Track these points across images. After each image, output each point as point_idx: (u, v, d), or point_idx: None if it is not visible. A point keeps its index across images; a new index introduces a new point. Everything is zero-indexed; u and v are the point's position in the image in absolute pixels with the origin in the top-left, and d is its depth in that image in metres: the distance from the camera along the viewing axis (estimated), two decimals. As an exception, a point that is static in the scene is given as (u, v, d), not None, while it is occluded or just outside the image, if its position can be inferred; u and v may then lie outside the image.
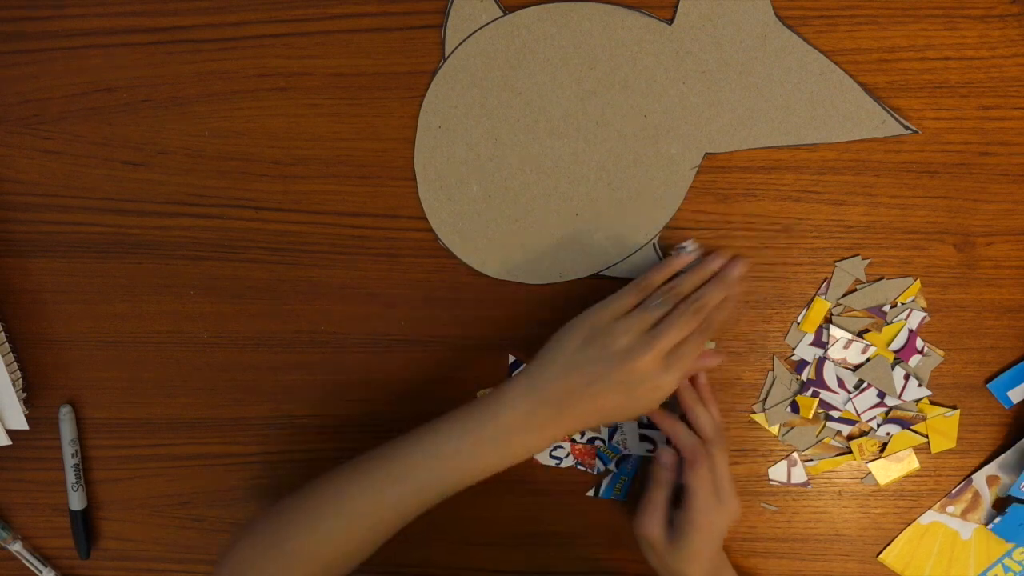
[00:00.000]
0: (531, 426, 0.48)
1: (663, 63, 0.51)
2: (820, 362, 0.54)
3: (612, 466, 0.58)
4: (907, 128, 0.51)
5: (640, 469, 0.58)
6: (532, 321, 0.55)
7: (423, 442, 0.49)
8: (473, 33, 0.51)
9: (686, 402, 0.53)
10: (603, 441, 0.57)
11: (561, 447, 0.58)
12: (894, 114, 0.51)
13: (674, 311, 0.49)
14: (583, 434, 0.57)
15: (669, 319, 0.48)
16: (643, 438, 0.57)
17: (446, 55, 0.52)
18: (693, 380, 0.54)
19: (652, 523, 0.52)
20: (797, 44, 0.50)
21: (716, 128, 0.52)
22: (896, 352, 0.54)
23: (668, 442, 0.54)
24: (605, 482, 0.58)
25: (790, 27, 0.50)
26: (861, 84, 0.51)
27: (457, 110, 0.53)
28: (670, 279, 0.51)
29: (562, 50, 0.51)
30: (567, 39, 0.51)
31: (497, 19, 0.51)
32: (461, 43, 0.52)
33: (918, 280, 0.53)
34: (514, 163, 0.53)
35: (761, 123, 0.52)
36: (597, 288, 0.55)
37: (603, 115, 0.52)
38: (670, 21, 0.51)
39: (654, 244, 0.54)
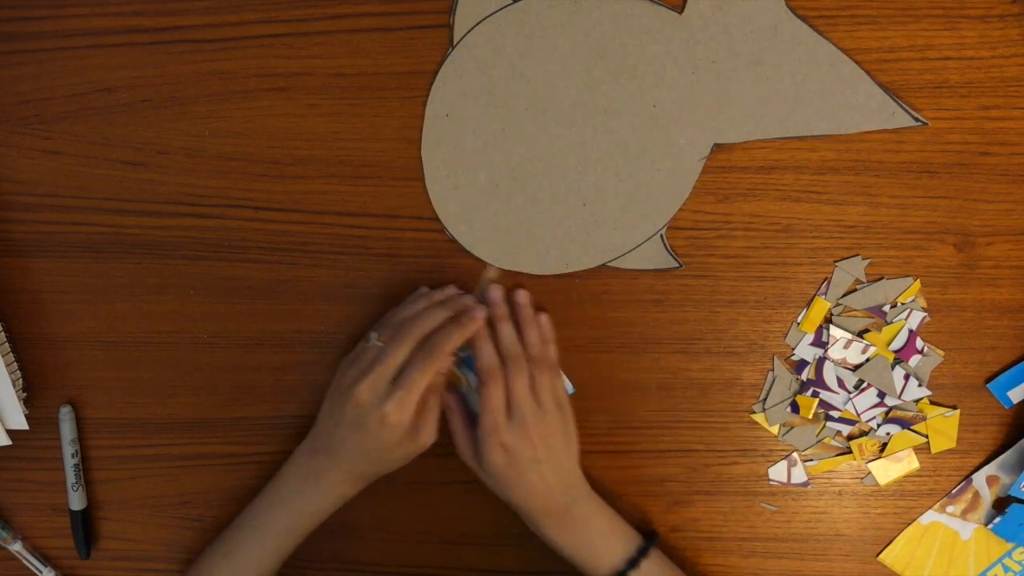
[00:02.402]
0: (311, 476, 0.52)
1: (672, 52, 0.51)
2: (820, 362, 0.54)
3: None
4: (917, 120, 0.51)
5: None
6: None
7: (246, 517, 0.54)
8: (482, 20, 0.51)
9: (492, 318, 0.52)
10: None
11: None
12: (904, 105, 0.51)
13: (392, 340, 0.49)
14: None
15: (385, 348, 0.49)
16: None
17: (454, 43, 0.52)
18: (511, 299, 0.53)
19: (461, 447, 0.53)
20: (808, 34, 0.50)
21: (725, 118, 0.52)
22: (896, 352, 0.54)
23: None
24: None
25: (801, 17, 0.50)
26: (871, 75, 0.51)
27: (465, 98, 0.52)
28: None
29: (571, 38, 0.51)
30: (576, 27, 0.51)
31: (506, 6, 0.51)
32: (470, 31, 0.51)
33: (918, 280, 0.53)
34: (522, 152, 0.53)
35: (771, 113, 0.51)
36: (603, 278, 0.55)
37: (611, 104, 0.52)
38: (680, 10, 0.51)
39: (661, 235, 0.54)
